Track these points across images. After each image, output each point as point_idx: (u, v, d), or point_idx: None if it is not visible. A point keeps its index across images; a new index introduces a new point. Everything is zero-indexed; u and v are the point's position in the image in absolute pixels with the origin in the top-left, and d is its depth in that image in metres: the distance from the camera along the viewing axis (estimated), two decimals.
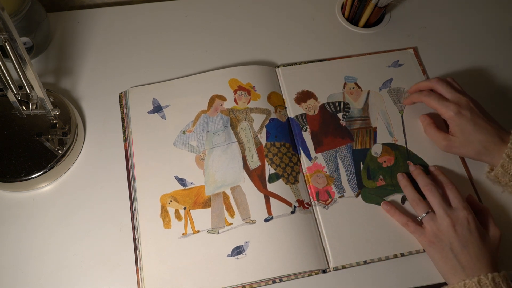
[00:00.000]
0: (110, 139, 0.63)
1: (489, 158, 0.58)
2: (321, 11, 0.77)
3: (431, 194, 0.56)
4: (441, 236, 0.53)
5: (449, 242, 0.52)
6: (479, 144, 0.57)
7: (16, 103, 0.56)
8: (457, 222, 0.53)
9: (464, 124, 0.58)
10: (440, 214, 0.54)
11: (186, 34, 0.74)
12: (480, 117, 0.58)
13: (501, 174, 0.57)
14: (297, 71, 0.69)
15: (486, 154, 0.58)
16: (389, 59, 0.71)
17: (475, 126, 0.57)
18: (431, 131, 0.62)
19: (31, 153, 0.59)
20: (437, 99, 0.60)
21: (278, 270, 0.54)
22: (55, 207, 0.58)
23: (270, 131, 0.63)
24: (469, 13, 0.78)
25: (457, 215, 0.53)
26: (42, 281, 0.54)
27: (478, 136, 0.57)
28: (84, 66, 0.69)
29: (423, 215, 0.55)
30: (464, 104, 0.59)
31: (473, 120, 0.58)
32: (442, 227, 0.53)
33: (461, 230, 0.52)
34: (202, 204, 0.58)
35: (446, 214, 0.54)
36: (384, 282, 0.56)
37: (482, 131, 0.57)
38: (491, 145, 0.57)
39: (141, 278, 0.54)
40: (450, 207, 0.55)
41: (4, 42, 0.47)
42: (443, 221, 0.53)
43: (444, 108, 0.59)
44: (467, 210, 0.54)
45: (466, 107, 0.58)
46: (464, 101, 0.59)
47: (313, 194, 0.60)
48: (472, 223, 0.53)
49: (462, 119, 0.58)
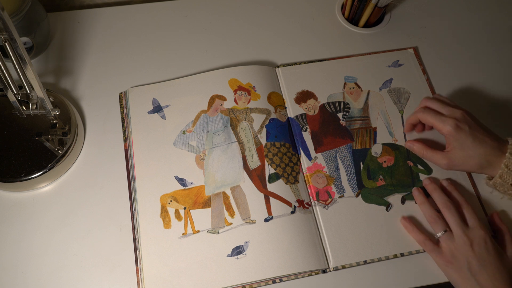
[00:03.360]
0: (110, 139, 0.63)
1: (490, 170, 0.57)
2: (321, 11, 0.77)
3: (449, 213, 0.55)
4: (459, 256, 0.53)
5: (467, 262, 0.52)
6: (480, 158, 0.56)
7: (16, 103, 0.56)
8: (474, 242, 0.53)
9: (463, 139, 0.56)
10: (458, 233, 0.54)
11: (186, 34, 0.74)
12: (478, 129, 0.57)
13: (499, 184, 0.57)
14: (297, 71, 0.69)
15: (488, 167, 0.56)
16: (389, 59, 0.71)
17: (474, 140, 0.56)
18: (427, 153, 0.60)
19: (31, 153, 0.59)
20: (434, 114, 0.59)
21: (278, 270, 0.54)
22: (55, 207, 0.58)
23: (270, 131, 0.63)
24: (469, 13, 0.78)
25: (474, 234, 0.53)
26: (42, 281, 0.54)
27: (478, 150, 0.56)
28: (84, 66, 0.69)
29: (440, 233, 0.55)
30: (461, 117, 0.57)
31: (471, 134, 0.56)
32: (459, 246, 0.53)
33: (478, 249, 0.52)
34: (202, 204, 0.58)
35: (463, 233, 0.53)
36: (384, 282, 0.56)
37: (482, 145, 0.56)
38: (492, 157, 0.56)
39: (141, 278, 0.54)
40: (467, 226, 0.54)
41: (4, 42, 0.47)
42: (461, 240, 0.53)
43: (442, 123, 0.57)
44: (484, 230, 0.54)
45: (463, 121, 0.57)
46: (460, 114, 0.57)
47: (313, 194, 0.60)
48: (489, 242, 0.53)
49: (460, 134, 0.56)
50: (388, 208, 0.59)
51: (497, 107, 0.68)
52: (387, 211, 0.59)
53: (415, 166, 0.62)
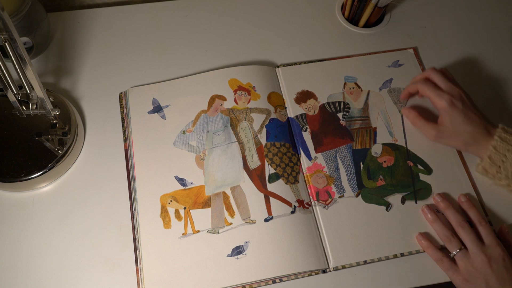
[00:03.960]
0: (110, 139, 0.63)
1: (475, 149, 0.60)
2: (321, 11, 0.77)
3: (464, 232, 0.55)
4: (476, 274, 0.52)
5: (485, 280, 0.51)
6: (467, 135, 0.59)
7: (16, 103, 0.56)
8: (492, 260, 0.52)
9: (455, 115, 0.59)
10: (474, 251, 0.53)
11: (186, 34, 0.74)
12: (471, 109, 0.60)
13: (489, 166, 0.58)
14: (297, 71, 0.69)
15: (474, 145, 0.59)
16: (389, 59, 0.71)
17: (465, 117, 0.59)
18: (420, 122, 0.63)
19: (31, 153, 0.59)
20: (432, 88, 0.62)
21: (278, 270, 0.54)
22: (55, 207, 0.58)
23: (270, 131, 0.63)
24: (469, 13, 0.78)
25: (491, 252, 0.53)
26: (42, 281, 0.54)
27: (467, 127, 0.59)
28: (84, 66, 0.69)
29: (455, 251, 0.54)
30: (457, 95, 0.60)
31: (464, 112, 0.59)
32: (477, 264, 0.52)
33: (496, 267, 0.52)
34: (202, 204, 0.58)
35: (480, 251, 0.53)
36: (384, 282, 0.56)
37: (471, 123, 0.59)
38: (478, 136, 0.59)
39: (141, 278, 0.54)
40: (484, 244, 0.54)
41: (4, 42, 0.47)
42: (477, 258, 0.53)
43: (438, 97, 0.60)
44: (501, 247, 0.53)
45: (458, 98, 0.60)
46: (456, 92, 0.61)
47: (313, 194, 0.60)
48: (508, 260, 0.52)
49: (453, 110, 0.59)
50: (388, 208, 0.59)
51: (497, 107, 0.68)
52: (387, 211, 0.59)
53: (415, 166, 0.62)
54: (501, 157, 0.57)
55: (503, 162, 0.57)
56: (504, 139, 0.57)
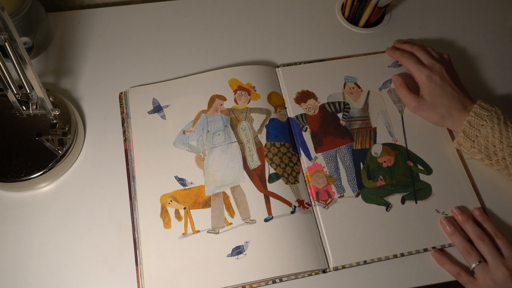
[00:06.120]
0: (110, 139, 0.63)
1: (450, 123, 0.62)
2: (321, 11, 0.77)
3: (484, 244, 0.54)
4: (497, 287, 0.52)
5: None
6: (443, 109, 0.62)
7: (16, 103, 0.56)
8: None
9: (433, 89, 0.62)
10: (494, 264, 0.53)
11: (186, 34, 0.74)
12: (449, 84, 0.62)
13: (463, 140, 0.60)
14: (297, 71, 0.69)
15: (449, 119, 0.62)
16: (389, 59, 0.71)
17: (442, 91, 0.62)
18: (402, 91, 0.65)
19: (31, 153, 0.59)
20: (414, 62, 0.65)
21: (278, 270, 0.54)
22: (55, 207, 0.58)
23: (270, 131, 0.63)
24: (469, 13, 0.78)
25: (511, 265, 0.52)
26: (42, 281, 0.54)
27: (443, 100, 0.62)
28: (84, 66, 0.69)
29: (474, 264, 0.54)
30: (437, 70, 0.63)
31: (441, 86, 0.62)
32: (497, 277, 0.52)
33: None
34: (202, 204, 0.58)
35: (501, 264, 0.52)
36: (384, 282, 0.56)
37: (447, 97, 0.62)
38: (453, 110, 0.61)
39: (141, 278, 0.54)
40: (503, 257, 0.54)
41: (4, 42, 0.47)
42: (498, 271, 0.52)
43: (418, 71, 0.64)
44: None
45: (437, 74, 0.63)
46: (437, 67, 0.63)
47: (313, 194, 0.60)
48: None
49: (431, 84, 0.62)
50: (388, 208, 0.59)
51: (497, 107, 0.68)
52: (387, 211, 0.59)
53: (415, 166, 0.62)
54: (475, 132, 0.59)
55: (477, 137, 0.59)
56: (479, 115, 0.59)
